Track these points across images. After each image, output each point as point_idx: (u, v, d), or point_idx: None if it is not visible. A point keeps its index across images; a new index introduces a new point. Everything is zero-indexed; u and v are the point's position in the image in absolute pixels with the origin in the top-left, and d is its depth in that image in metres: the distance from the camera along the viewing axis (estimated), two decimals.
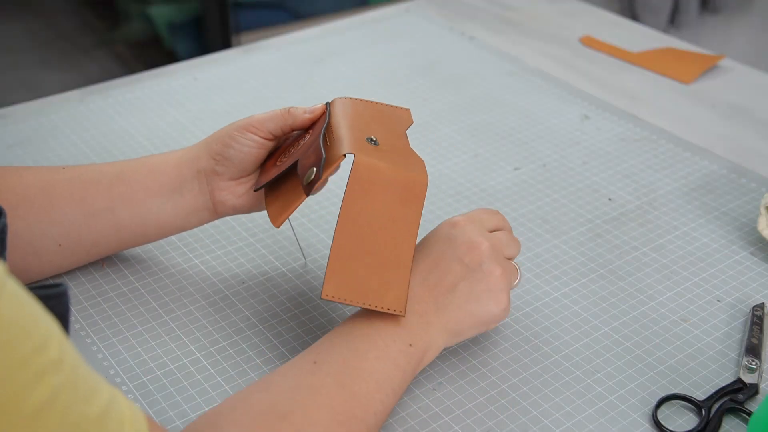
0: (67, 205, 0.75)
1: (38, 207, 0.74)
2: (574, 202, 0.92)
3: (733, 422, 0.67)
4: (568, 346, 0.74)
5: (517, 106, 1.10)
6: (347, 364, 0.63)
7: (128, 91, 1.12)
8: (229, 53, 1.23)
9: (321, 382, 0.61)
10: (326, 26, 1.31)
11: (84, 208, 0.75)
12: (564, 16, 1.34)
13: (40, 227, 0.74)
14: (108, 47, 2.77)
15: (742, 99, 1.11)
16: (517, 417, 0.67)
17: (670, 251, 0.85)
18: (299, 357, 0.64)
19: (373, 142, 0.70)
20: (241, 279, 0.81)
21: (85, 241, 0.77)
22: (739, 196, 0.92)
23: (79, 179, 0.76)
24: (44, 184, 0.75)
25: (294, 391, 0.60)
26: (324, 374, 0.62)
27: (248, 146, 0.75)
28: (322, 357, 0.63)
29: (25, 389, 0.40)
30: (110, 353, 0.73)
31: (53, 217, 0.74)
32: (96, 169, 0.78)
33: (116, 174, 0.76)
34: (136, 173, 0.76)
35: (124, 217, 0.76)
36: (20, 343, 0.40)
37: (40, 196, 0.75)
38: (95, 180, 0.76)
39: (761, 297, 0.79)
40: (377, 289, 0.65)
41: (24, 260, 0.74)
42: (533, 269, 0.82)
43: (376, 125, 0.73)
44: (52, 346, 0.42)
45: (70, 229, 0.75)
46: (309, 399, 0.60)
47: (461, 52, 1.23)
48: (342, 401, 0.60)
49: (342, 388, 0.61)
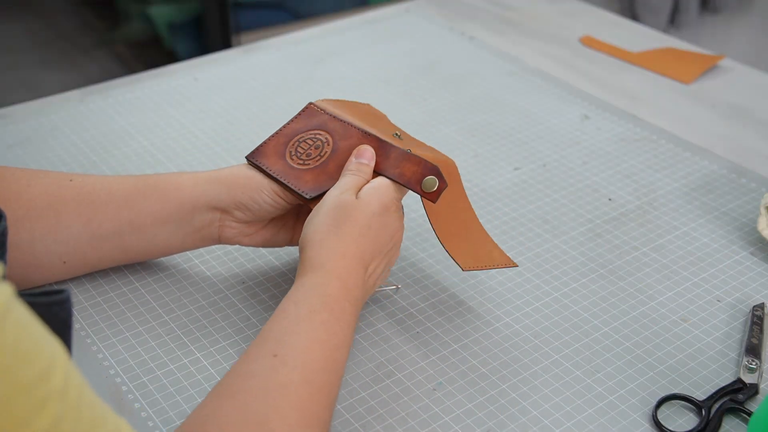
0: (73, 224, 0.74)
1: (44, 223, 0.73)
2: (574, 202, 0.92)
3: (733, 422, 0.67)
4: (568, 346, 0.74)
5: (517, 106, 1.10)
6: (311, 356, 0.61)
7: (128, 91, 1.12)
8: (229, 53, 1.23)
9: (287, 379, 0.59)
10: (326, 26, 1.31)
11: (91, 230, 0.75)
12: (564, 16, 1.34)
13: (45, 244, 0.74)
14: (108, 47, 2.77)
15: (742, 99, 1.11)
16: (517, 417, 0.67)
17: (670, 251, 0.85)
18: (256, 349, 0.61)
19: (398, 136, 0.77)
20: (241, 279, 0.81)
21: (90, 260, 0.77)
22: (739, 196, 0.92)
23: (87, 199, 0.75)
24: (51, 198, 0.74)
25: (263, 392, 0.58)
26: (290, 369, 0.59)
27: (274, 207, 0.76)
28: (281, 349, 0.61)
29: (28, 417, 0.40)
30: (110, 353, 0.73)
31: (59, 237, 0.74)
32: (104, 188, 0.76)
33: (125, 198, 0.75)
34: (147, 199, 0.75)
35: (132, 241, 0.76)
36: (23, 369, 0.39)
37: (47, 212, 0.73)
38: (103, 202, 0.75)
39: (761, 297, 0.79)
40: (489, 253, 0.76)
41: (26, 271, 0.74)
42: (533, 269, 0.82)
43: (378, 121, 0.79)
44: (57, 373, 0.41)
45: (76, 248, 0.75)
46: (279, 399, 0.58)
47: (461, 52, 1.23)
48: (308, 398, 0.59)
49: (309, 384, 0.59)
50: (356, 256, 0.68)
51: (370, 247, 0.69)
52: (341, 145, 0.76)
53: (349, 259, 0.67)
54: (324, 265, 0.66)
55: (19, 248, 0.72)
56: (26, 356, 0.40)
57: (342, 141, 0.76)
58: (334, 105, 0.80)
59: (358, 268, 0.68)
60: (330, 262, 0.67)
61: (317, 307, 0.64)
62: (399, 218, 0.73)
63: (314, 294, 0.65)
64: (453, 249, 0.74)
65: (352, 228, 0.68)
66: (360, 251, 0.68)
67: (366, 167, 0.73)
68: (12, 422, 0.39)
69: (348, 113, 0.79)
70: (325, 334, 0.63)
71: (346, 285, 0.66)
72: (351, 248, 0.68)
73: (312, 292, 0.65)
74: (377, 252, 0.70)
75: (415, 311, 0.77)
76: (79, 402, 0.42)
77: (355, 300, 0.67)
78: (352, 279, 0.67)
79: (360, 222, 0.69)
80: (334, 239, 0.68)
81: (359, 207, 0.69)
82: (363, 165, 0.73)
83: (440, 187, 0.72)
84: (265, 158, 0.77)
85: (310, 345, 0.62)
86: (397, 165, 0.73)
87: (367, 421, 0.67)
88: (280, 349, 0.61)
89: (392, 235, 0.71)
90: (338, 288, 0.66)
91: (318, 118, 0.78)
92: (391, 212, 0.71)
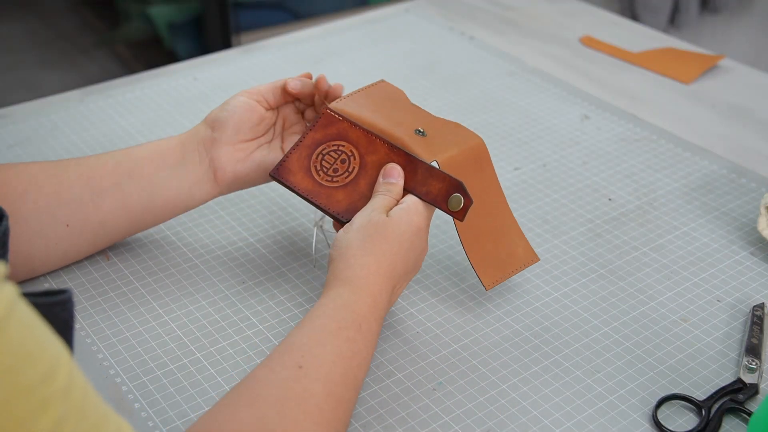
0: (74, 185, 0.76)
1: (47, 191, 0.75)
2: (574, 202, 0.92)
3: (733, 422, 0.67)
4: (568, 346, 0.74)
5: (517, 106, 1.10)
6: (334, 370, 0.61)
7: (128, 91, 1.12)
8: (229, 53, 1.23)
9: (309, 391, 0.59)
10: (326, 26, 1.31)
11: (91, 187, 0.76)
12: (564, 16, 1.34)
13: (49, 210, 0.75)
14: (108, 47, 2.77)
15: (742, 99, 1.11)
16: (517, 417, 0.67)
17: (670, 251, 0.85)
18: (280, 358, 0.62)
19: (421, 133, 0.77)
20: (241, 279, 0.81)
21: (93, 221, 0.77)
22: (739, 196, 0.92)
23: (86, 162, 0.78)
24: (53, 169, 0.77)
25: (282, 403, 0.58)
26: (311, 381, 0.60)
27: (241, 108, 0.79)
28: (307, 361, 0.61)
29: (31, 417, 0.40)
30: (110, 353, 0.73)
31: (62, 199, 0.75)
32: (103, 154, 0.80)
33: (123, 153, 0.79)
34: (143, 150, 0.79)
35: (131, 192, 0.77)
36: (27, 369, 0.40)
37: (48, 182, 0.76)
38: (102, 162, 0.78)
39: (761, 297, 0.79)
40: (512, 254, 0.77)
41: (30, 244, 0.75)
42: (533, 269, 0.82)
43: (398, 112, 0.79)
44: (60, 374, 0.41)
45: (78, 208, 0.76)
46: (298, 411, 0.58)
47: (461, 52, 1.23)
48: (329, 412, 0.59)
49: (330, 396, 0.60)
50: (387, 274, 0.69)
51: (400, 267, 0.70)
52: (368, 160, 0.75)
53: (381, 277, 0.68)
54: (356, 280, 0.67)
55: (24, 219, 0.74)
56: (30, 357, 0.40)
57: (369, 156, 0.76)
58: (350, 101, 0.79)
59: (387, 286, 0.69)
60: (362, 278, 0.68)
61: (346, 324, 0.64)
62: (426, 239, 0.73)
63: (345, 310, 0.66)
64: (478, 263, 0.75)
65: (385, 246, 0.69)
66: (391, 269, 0.69)
67: (395, 186, 0.74)
68: (15, 422, 0.39)
69: (367, 111, 0.78)
70: (349, 350, 0.63)
71: (375, 303, 0.67)
72: (383, 266, 0.69)
73: (343, 308, 0.66)
74: (405, 272, 0.71)
75: (415, 311, 0.77)
76: (83, 403, 0.42)
77: (380, 318, 0.68)
78: (381, 297, 0.68)
79: (392, 240, 0.69)
80: (367, 256, 0.68)
81: (391, 226, 0.70)
82: (392, 185, 0.74)
83: (466, 204, 0.72)
84: (291, 175, 0.77)
85: (335, 360, 0.62)
86: (424, 182, 0.74)
87: (367, 421, 0.67)
88: (305, 361, 0.61)
89: (419, 255, 0.73)
90: (368, 306, 0.67)
91: (337, 126, 0.77)
92: (421, 233, 0.72)
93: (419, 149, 0.75)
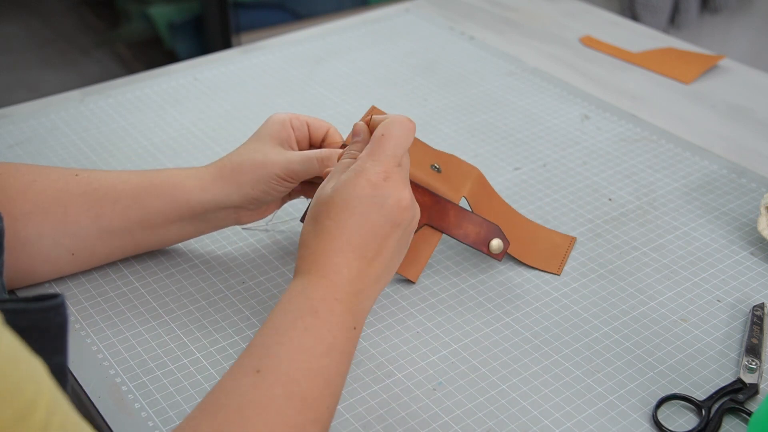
0: (82, 219, 0.74)
1: (52, 218, 0.73)
2: (574, 202, 0.92)
3: (733, 422, 0.67)
4: (568, 346, 0.74)
5: (517, 106, 1.10)
6: (294, 366, 0.58)
7: (128, 91, 1.12)
8: (229, 53, 1.23)
9: (268, 396, 0.56)
10: (326, 26, 1.31)
11: (99, 225, 0.75)
12: (564, 16, 1.34)
13: (54, 238, 0.74)
14: (108, 47, 2.77)
15: (742, 99, 1.11)
16: (517, 417, 0.67)
17: (670, 251, 0.85)
18: (240, 363, 0.59)
19: (437, 168, 0.79)
20: (241, 279, 0.81)
21: (99, 253, 0.77)
22: (739, 196, 0.92)
23: (94, 195, 0.75)
24: (58, 194, 0.74)
25: (241, 412, 0.55)
26: (270, 385, 0.57)
27: (286, 189, 0.78)
28: (265, 363, 0.58)
29: None
30: (110, 353, 0.73)
31: (68, 230, 0.74)
32: (111, 185, 0.75)
33: (133, 197, 0.75)
34: (156, 199, 0.75)
35: (142, 237, 0.77)
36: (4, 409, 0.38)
37: (55, 207, 0.74)
38: (112, 200, 0.75)
39: (761, 297, 0.79)
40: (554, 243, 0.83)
41: (34, 265, 0.74)
42: (533, 269, 0.82)
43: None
44: (39, 409, 0.39)
45: (85, 242, 0.75)
46: (258, 420, 0.55)
47: (461, 52, 1.23)
48: (294, 414, 0.56)
49: (292, 398, 0.57)
50: (343, 248, 0.63)
51: (364, 233, 0.64)
52: None
53: (335, 252, 0.63)
54: (306, 266, 0.64)
55: (28, 242, 0.72)
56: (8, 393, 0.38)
57: None
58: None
59: (350, 259, 0.63)
60: (312, 262, 0.63)
61: (301, 313, 0.60)
62: (396, 186, 0.65)
63: (298, 298, 0.62)
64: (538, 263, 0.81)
65: (329, 222, 0.64)
66: (346, 242, 0.63)
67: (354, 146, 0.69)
68: None
69: None
70: (310, 340, 0.59)
71: (333, 282, 0.62)
72: (337, 241, 0.63)
73: (296, 298, 0.62)
74: (372, 233, 0.64)
75: (415, 311, 0.77)
76: None
77: (347, 295, 0.62)
78: (342, 274, 0.63)
79: (339, 211, 0.64)
80: (313, 239, 0.64)
81: (334, 198, 0.64)
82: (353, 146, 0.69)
83: (505, 247, 0.77)
84: None
85: (294, 356, 0.58)
86: (459, 225, 0.76)
87: (367, 421, 0.67)
88: (263, 364, 0.58)
89: (391, 207, 0.65)
90: (324, 287, 0.62)
91: None
92: (379, 189, 0.64)
93: (441, 186, 0.76)
